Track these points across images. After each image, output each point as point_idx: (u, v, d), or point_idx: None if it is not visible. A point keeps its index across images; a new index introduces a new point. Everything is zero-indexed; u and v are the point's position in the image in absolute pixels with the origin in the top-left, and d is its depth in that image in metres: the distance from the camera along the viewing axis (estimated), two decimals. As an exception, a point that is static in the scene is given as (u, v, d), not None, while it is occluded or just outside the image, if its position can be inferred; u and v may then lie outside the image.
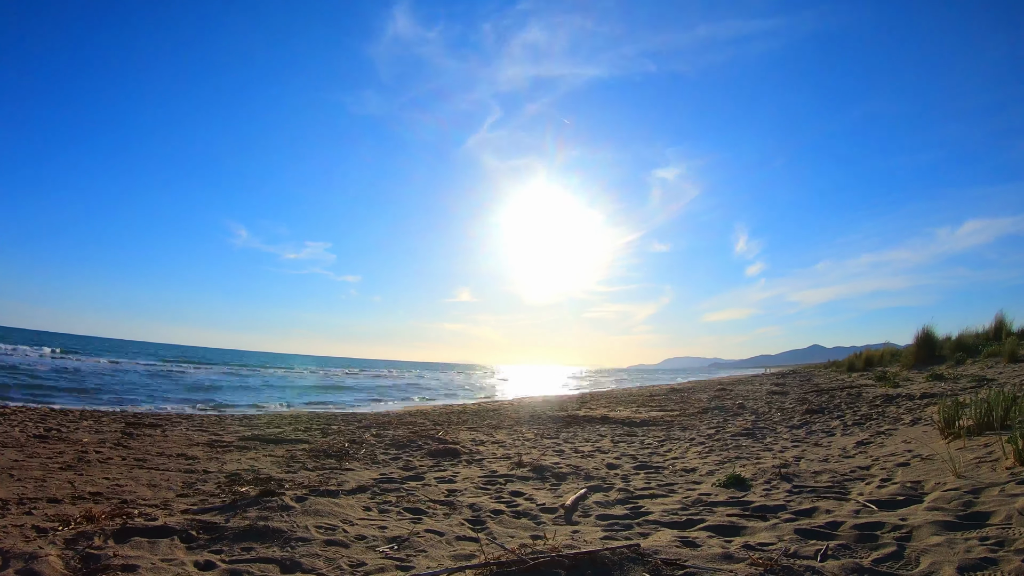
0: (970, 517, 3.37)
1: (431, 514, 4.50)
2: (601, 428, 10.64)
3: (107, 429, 8.75)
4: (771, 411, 11.44)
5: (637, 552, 3.16)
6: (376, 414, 14.68)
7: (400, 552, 3.48)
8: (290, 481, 5.49)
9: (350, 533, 3.82)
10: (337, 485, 5.35)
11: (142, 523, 3.84)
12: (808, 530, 3.52)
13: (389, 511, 4.55)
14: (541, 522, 4.30)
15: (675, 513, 4.31)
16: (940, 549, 2.92)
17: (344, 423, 11.31)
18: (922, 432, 6.56)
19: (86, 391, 18.19)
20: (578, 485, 5.58)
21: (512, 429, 10.65)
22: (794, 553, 3.10)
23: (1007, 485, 3.74)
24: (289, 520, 3.99)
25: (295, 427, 10.24)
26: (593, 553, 3.09)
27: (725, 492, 4.88)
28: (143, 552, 3.35)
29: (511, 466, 6.60)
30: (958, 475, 4.22)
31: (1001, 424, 5.34)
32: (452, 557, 3.40)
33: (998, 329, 16.06)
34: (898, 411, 8.72)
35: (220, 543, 3.58)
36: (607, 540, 3.58)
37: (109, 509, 4.19)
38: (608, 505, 4.76)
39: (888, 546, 3.07)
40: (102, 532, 3.61)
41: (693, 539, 3.50)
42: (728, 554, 3.13)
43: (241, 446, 7.77)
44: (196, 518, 4.02)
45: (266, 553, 3.39)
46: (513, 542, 3.61)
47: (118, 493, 4.87)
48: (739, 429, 9.25)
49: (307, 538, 3.64)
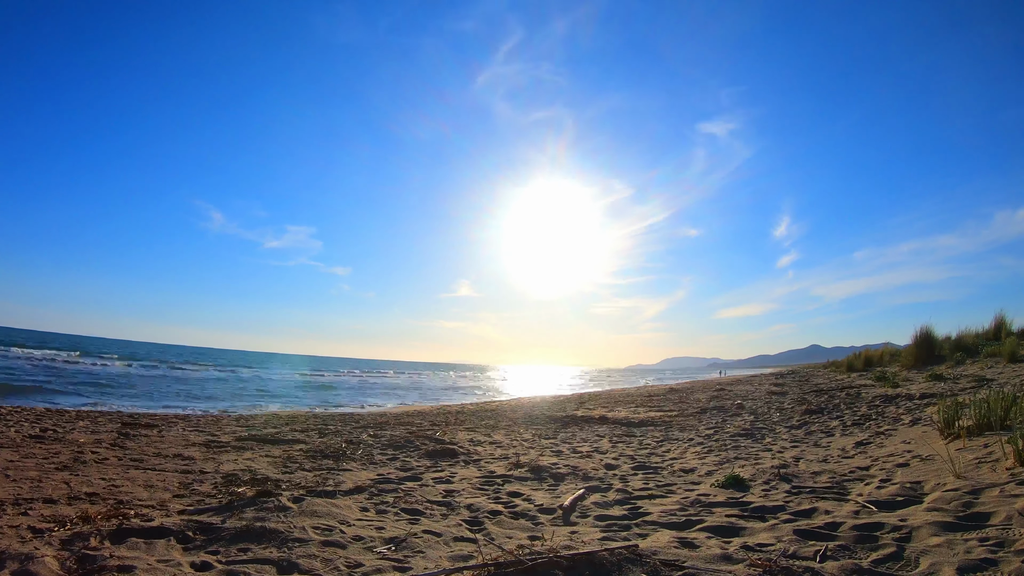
0: (970, 518, 3.37)
1: (428, 515, 4.50)
2: (599, 428, 10.65)
3: (103, 429, 8.73)
4: (770, 411, 11.46)
5: (636, 553, 3.16)
6: (373, 414, 14.68)
7: (397, 553, 3.48)
8: (287, 482, 5.49)
9: (347, 534, 3.82)
10: (334, 486, 5.35)
11: (138, 524, 3.83)
12: (807, 531, 3.52)
13: (386, 512, 4.55)
14: (539, 523, 4.30)
15: (674, 514, 4.31)
16: (940, 550, 2.93)
17: (341, 423, 11.31)
18: (922, 432, 6.57)
19: (79, 390, 18.22)
20: (576, 486, 5.58)
21: (510, 429, 10.66)
22: (793, 554, 3.11)
23: (1007, 486, 3.75)
24: (286, 521, 3.98)
25: (292, 427, 10.23)
26: (591, 554, 3.10)
27: (724, 493, 4.88)
28: (139, 553, 3.34)
29: (509, 466, 6.60)
30: (958, 476, 4.22)
31: (1001, 424, 5.35)
32: (450, 558, 3.40)
33: (998, 329, 16.07)
34: (897, 411, 8.73)
35: (217, 544, 3.58)
36: (605, 541, 3.58)
37: (105, 510, 4.18)
38: (606, 506, 4.76)
39: (888, 547, 3.07)
40: (98, 533, 3.60)
41: (692, 540, 3.50)
42: (727, 555, 3.13)
43: (238, 446, 7.76)
44: (193, 519, 4.02)
45: (263, 554, 3.39)
46: (511, 543, 3.62)
47: (114, 494, 4.85)
48: (738, 429, 9.26)
49: (304, 539, 3.64)
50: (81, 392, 17.91)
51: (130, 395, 18.20)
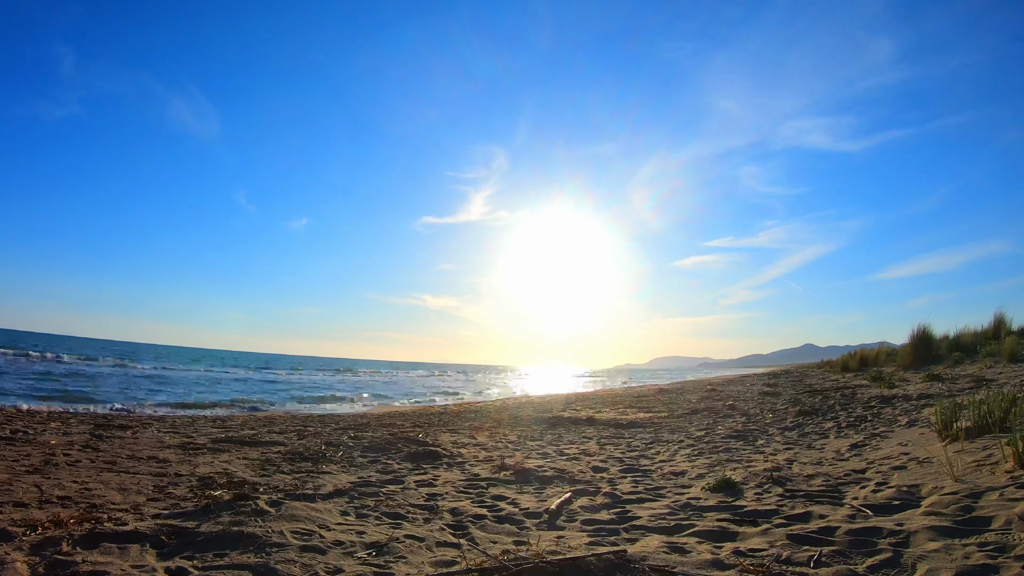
0: (969, 522, 3.37)
1: (411, 519, 4.47)
2: (587, 430, 10.64)
3: (75, 431, 8.65)
4: (762, 412, 11.49)
5: (624, 558, 3.15)
6: (353, 415, 14.66)
7: (379, 558, 3.45)
8: (265, 485, 5.45)
9: (327, 539, 3.78)
10: (313, 489, 5.31)
11: (111, 528, 3.79)
12: (801, 535, 3.52)
13: (367, 516, 4.51)
14: (525, 527, 4.28)
15: (663, 518, 4.30)
16: (938, 555, 2.93)
17: (320, 425, 11.27)
18: (919, 434, 6.60)
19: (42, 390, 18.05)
20: (563, 489, 5.56)
21: (494, 431, 10.63)
22: (786, 559, 3.10)
23: (1007, 489, 3.76)
24: (264, 525, 3.94)
25: (270, 429, 10.17)
26: (578, 559, 3.08)
27: (715, 496, 4.88)
28: (112, 558, 3.31)
29: (493, 469, 6.58)
30: (956, 479, 4.24)
31: (1000, 426, 5.37)
32: (433, 563, 3.37)
33: (997, 328, 16.19)
34: (894, 413, 8.79)
35: (192, 549, 3.54)
36: (593, 546, 3.56)
37: (77, 514, 4.15)
38: (594, 510, 4.74)
39: (884, 552, 3.07)
40: (70, 537, 3.56)
41: (682, 545, 3.49)
42: (718, 560, 3.13)
43: (214, 448, 7.70)
44: (167, 523, 3.97)
45: (240, 559, 3.35)
46: (496, 548, 3.60)
47: (87, 497, 4.81)
48: (729, 431, 9.27)
49: (283, 544, 3.60)
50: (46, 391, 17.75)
51: (91, 394, 18.04)
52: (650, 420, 11.66)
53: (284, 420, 12.37)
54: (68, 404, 14.68)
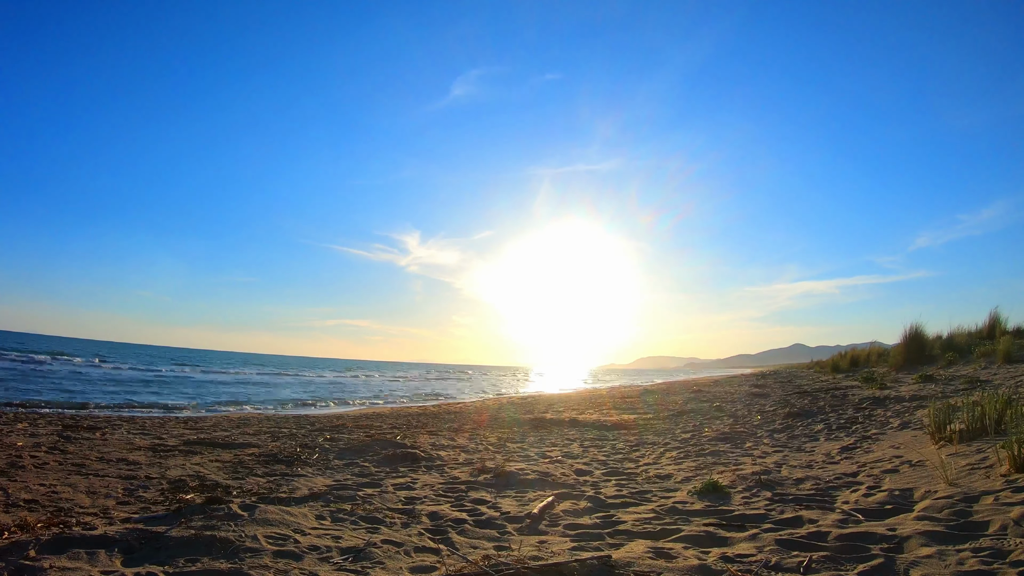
0: (963, 527, 3.39)
1: (388, 523, 4.44)
2: (570, 432, 10.65)
3: (43, 432, 8.55)
4: (751, 414, 11.53)
5: (608, 564, 3.14)
6: (330, 416, 14.64)
7: (356, 564, 3.42)
8: (238, 488, 5.41)
9: (302, 544, 3.74)
10: (288, 492, 5.27)
11: (80, 532, 3.75)
12: (790, 541, 3.52)
13: (344, 520, 4.48)
14: (506, 532, 4.26)
15: (649, 522, 4.29)
16: (931, 561, 2.93)
17: (295, 426, 11.23)
18: (912, 437, 6.64)
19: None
20: (545, 493, 5.54)
21: (475, 433, 10.61)
22: (775, 565, 3.10)
23: (1002, 493, 3.78)
24: (237, 530, 3.90)
25: (243, 430, 10.12)
26: (561, 565, 3.07)
27: (702, 500, 4.88)
28: (81, 564, 3.27)
29: (474, 472, 6.56)
30: (950, 482, 4.26)
31: (995, 428, 5.40)
32: (411, 569, 3.35)
33: (992, 328, 16.30)
34: (886, 414, 8.83)
35: (163, 554, 3.50)
36: (576, 551, 3.55)
37: (45, 518, 4.12)
38: (577, 514, 4.73)
39: (876, 558, 3.07)
40: (37, 542, 3.52)
41: (668, 550, 3.49)
42: (705, 566, 3.12)
43: (185, 450, 7.63)
44: (137, 527, 3.92)
45: (212, 565, 3.31)
46: (476, 553, 3.57)
47: (54, 501, 4.79)
48: (716, 433, 9.27)
49: (256, 549, 3.56)
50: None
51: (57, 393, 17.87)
52: (635, 422, 11.68)
53: (257, 421, 12.31)
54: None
